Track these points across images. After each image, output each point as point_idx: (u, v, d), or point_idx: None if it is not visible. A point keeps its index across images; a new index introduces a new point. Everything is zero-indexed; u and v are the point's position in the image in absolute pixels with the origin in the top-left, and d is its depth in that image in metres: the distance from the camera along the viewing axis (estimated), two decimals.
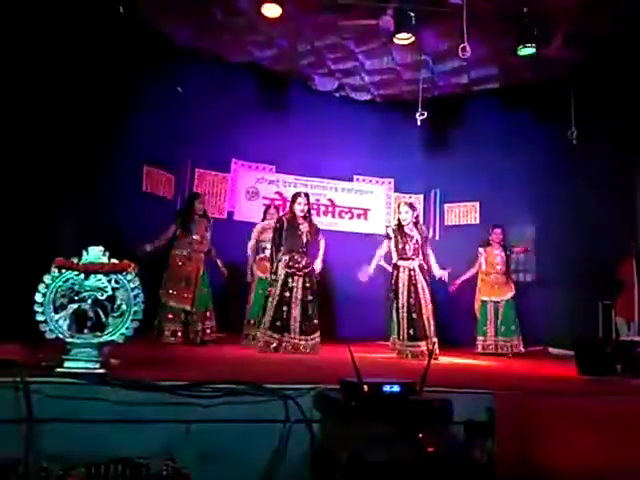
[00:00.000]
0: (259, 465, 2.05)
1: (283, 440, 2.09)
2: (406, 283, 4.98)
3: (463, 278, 6.36)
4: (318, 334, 4.83)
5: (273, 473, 2.05)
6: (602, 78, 6.62)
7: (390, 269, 5.28)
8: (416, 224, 5.21)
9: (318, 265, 5.05)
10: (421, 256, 5.10)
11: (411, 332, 4.85)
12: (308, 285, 4.87)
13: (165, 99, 6.52)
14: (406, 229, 5.14)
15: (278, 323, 4.72)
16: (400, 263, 5.07)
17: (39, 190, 4.80)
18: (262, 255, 5.84)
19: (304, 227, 5.01)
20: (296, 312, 4.77)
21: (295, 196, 5.13)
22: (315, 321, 4.84)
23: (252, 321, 5.67)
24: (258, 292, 5.71)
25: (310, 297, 4.86)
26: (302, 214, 5.03)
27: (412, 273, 5.00)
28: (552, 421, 2.08)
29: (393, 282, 5.07)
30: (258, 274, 5.83)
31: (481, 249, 6.50)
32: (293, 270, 4.84)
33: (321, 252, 5.14)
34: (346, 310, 7.30)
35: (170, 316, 5.41)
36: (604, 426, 1.98)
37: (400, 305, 4.96)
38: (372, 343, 6.46)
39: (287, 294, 4.79)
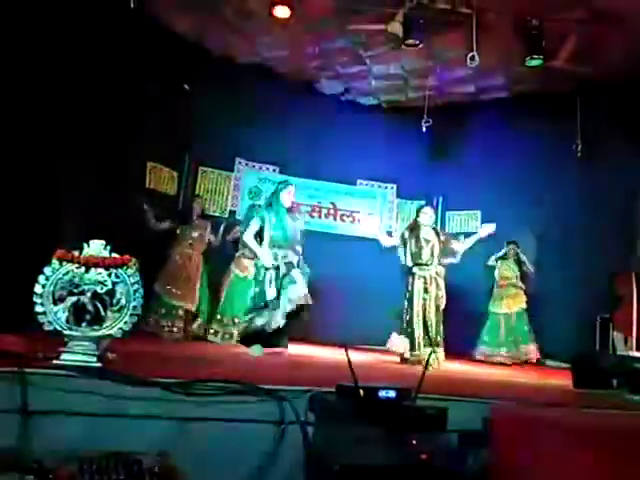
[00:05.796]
0: (252, 465, 2.05)
1: (277, 441, 2.09)
2: (421, 292, 4.89)
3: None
4: None
5: (266, 474, 2.05)
6: (610, 95, 6.62)
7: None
8: (435, 229, 5.16)
9: None
10: (436, 261, 4.99)
11: (421, 341, 4.78)
12: None
13: (171, 96, 6.53)
14: (423, 233, 5.03)
15: None
16: (415, 270, 4.97)
17: (43, 183, 4.80)
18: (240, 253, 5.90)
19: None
20: None
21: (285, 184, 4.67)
22: None
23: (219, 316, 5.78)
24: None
25: None
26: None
27: (427, 281, 4.92)
28: (547, 433, 2.08)
29: (409, 289, 4.96)
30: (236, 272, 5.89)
31: (498, 262, 6.71)
32: None
33: None
34: (347, 313, 7.27)
35: (163, 311, 5.49)
36: (599, 441, 1.97)
37: (415, 313, 4.86)
38: (373, 347, 6.41)
39: None
